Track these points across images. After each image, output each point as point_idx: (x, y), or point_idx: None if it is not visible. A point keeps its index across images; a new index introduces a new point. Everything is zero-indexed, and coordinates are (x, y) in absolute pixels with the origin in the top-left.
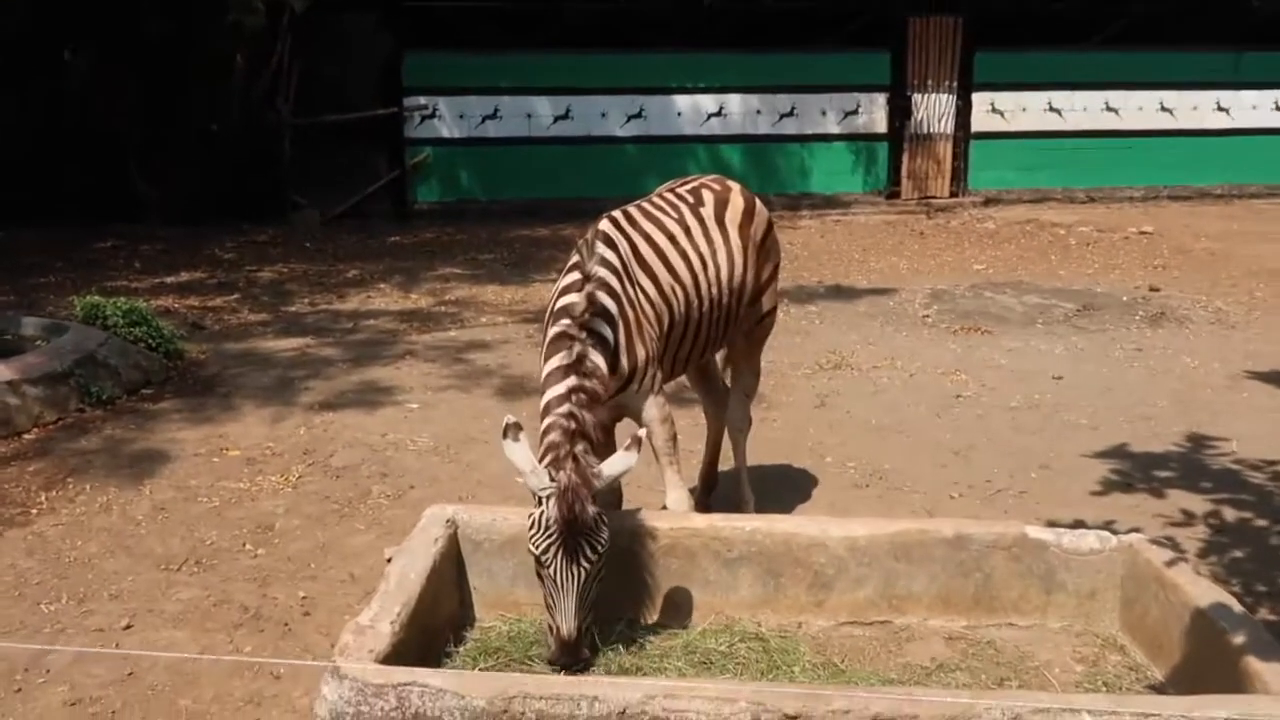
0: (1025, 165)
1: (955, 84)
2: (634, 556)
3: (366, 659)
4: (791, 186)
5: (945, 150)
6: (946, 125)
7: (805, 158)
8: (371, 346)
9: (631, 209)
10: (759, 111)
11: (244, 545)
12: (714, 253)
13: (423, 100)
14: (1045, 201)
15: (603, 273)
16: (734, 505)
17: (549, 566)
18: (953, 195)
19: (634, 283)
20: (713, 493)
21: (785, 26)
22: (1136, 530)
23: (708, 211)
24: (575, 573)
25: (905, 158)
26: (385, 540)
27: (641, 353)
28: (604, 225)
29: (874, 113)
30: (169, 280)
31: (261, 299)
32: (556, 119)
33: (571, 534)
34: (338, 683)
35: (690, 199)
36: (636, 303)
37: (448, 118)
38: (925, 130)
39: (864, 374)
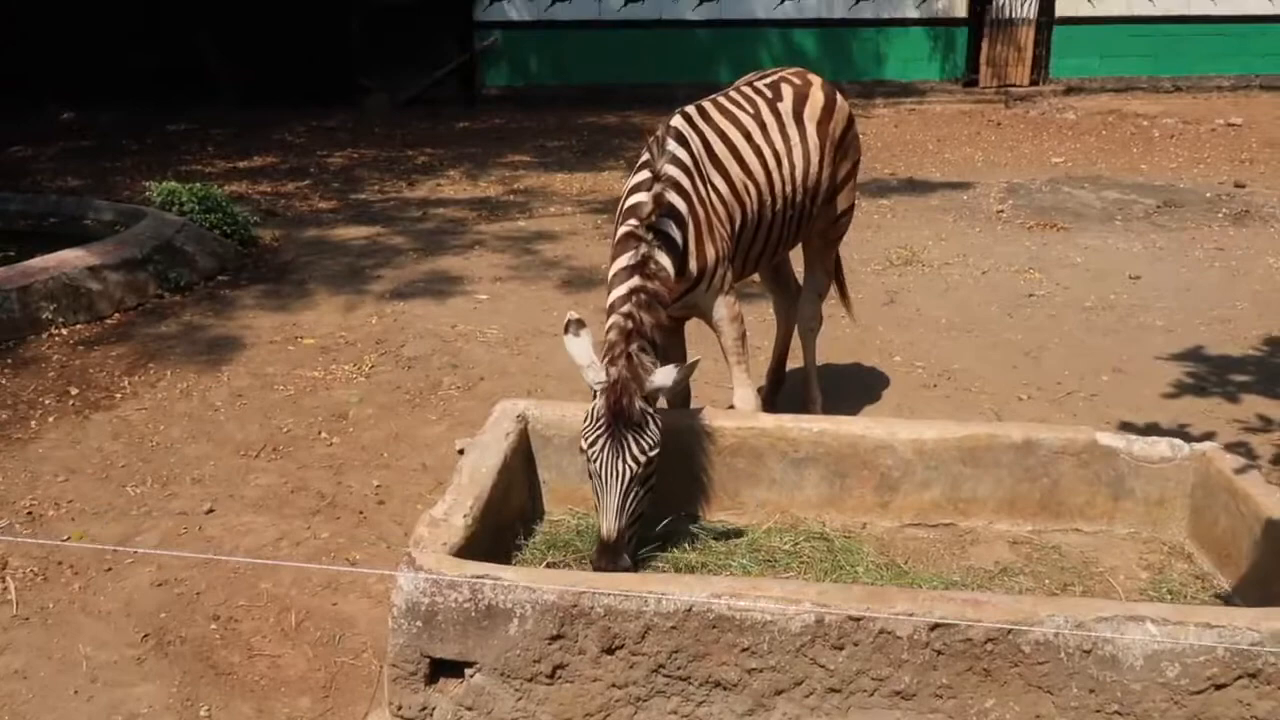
0: (1110, 52)
1: None
2: (701, 455)
3: (441, 551)
4: (866, 74)
5: (1027, 36)
6: (1029, 10)
7: (881, 44)
8: (440, 235)
9: (706, 104)
10: None
11: (319, 433)
12: (790, 150)
13: None
14: (1130, 91)
15: (673, 171)
16: (801, 404)
17: (595, 461)
18: (1033, 84)
19: (706, 180)
20: (780, 391)
21: None
22: (1209, 435)
23: (785, 107)
24: (620, 469)
25: (984, 44)
26: (456, 431)
27: (711, 253)
28: (676, 121)
29: None
30: (241, 165)
31: (332, 185)
32: (627, 2)
33: (617, 426)
34: (414, 574)
35: (768, 93)
36: (708, 201)
37: (517, 0)
38: (1006, 15)
39: (935, 271)
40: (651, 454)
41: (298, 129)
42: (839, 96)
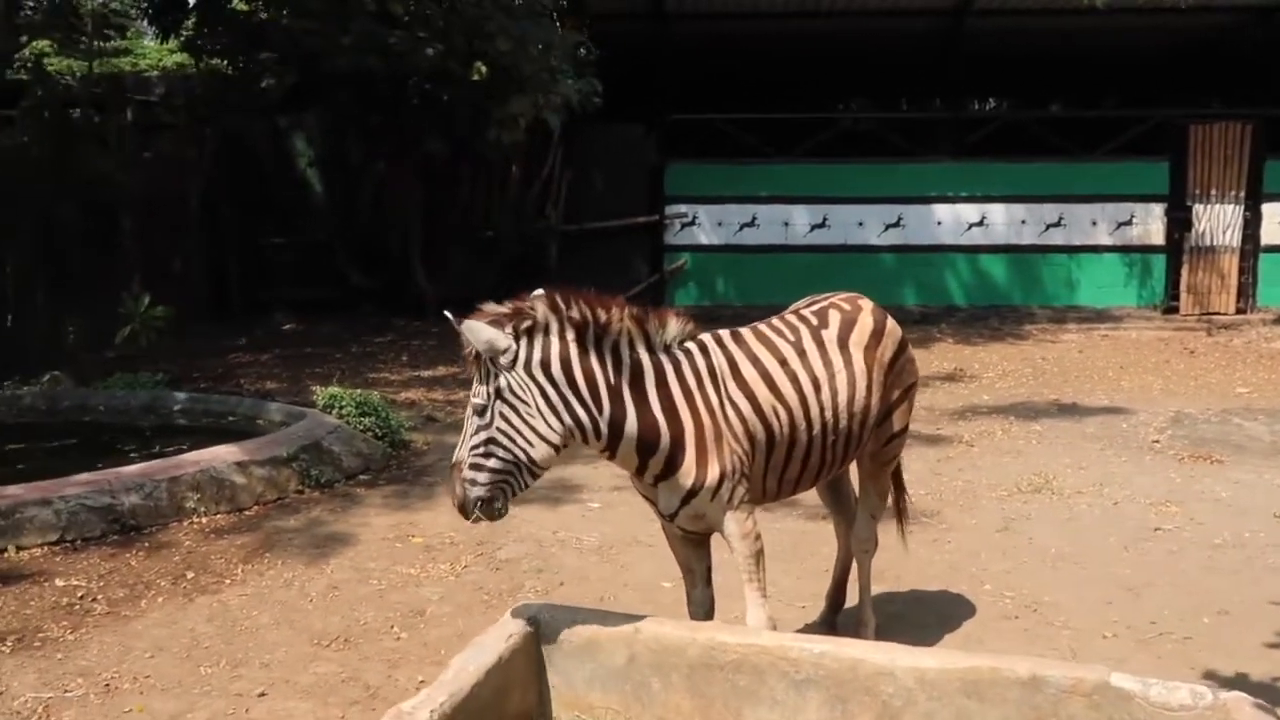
0: None
1: (1243, 193)
2: (704, 669)
3: None
4: (1057, 299)
5: (1230, 264)
6: (1232, 237)
7: (1073, 269)
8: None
9: (743, 329)
10: (1024, 221)
11: (392, 627)
12: (832, 376)
13: (684, 208)
14: None
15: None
16: (854, 628)
17: None
18: (1239, 312)
19: (723, 392)
20: (839, 612)
21: (1055, 135)
22: (1278, 680)
23: (830, 334)
24: (469, 405)
25: (1185, 271)
26: None
27: (716, 467)
28: (703, 336)
29: (1150, 223)
30: (424, 374)
31: None
32: (813, 227)
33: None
34: None
35: (814, 320)
36: (718, 413)
37: (706, 225)
38: (1207, 242)
39: (1063, 499)
40: (475, 401)
41: None
42: (889, 321)
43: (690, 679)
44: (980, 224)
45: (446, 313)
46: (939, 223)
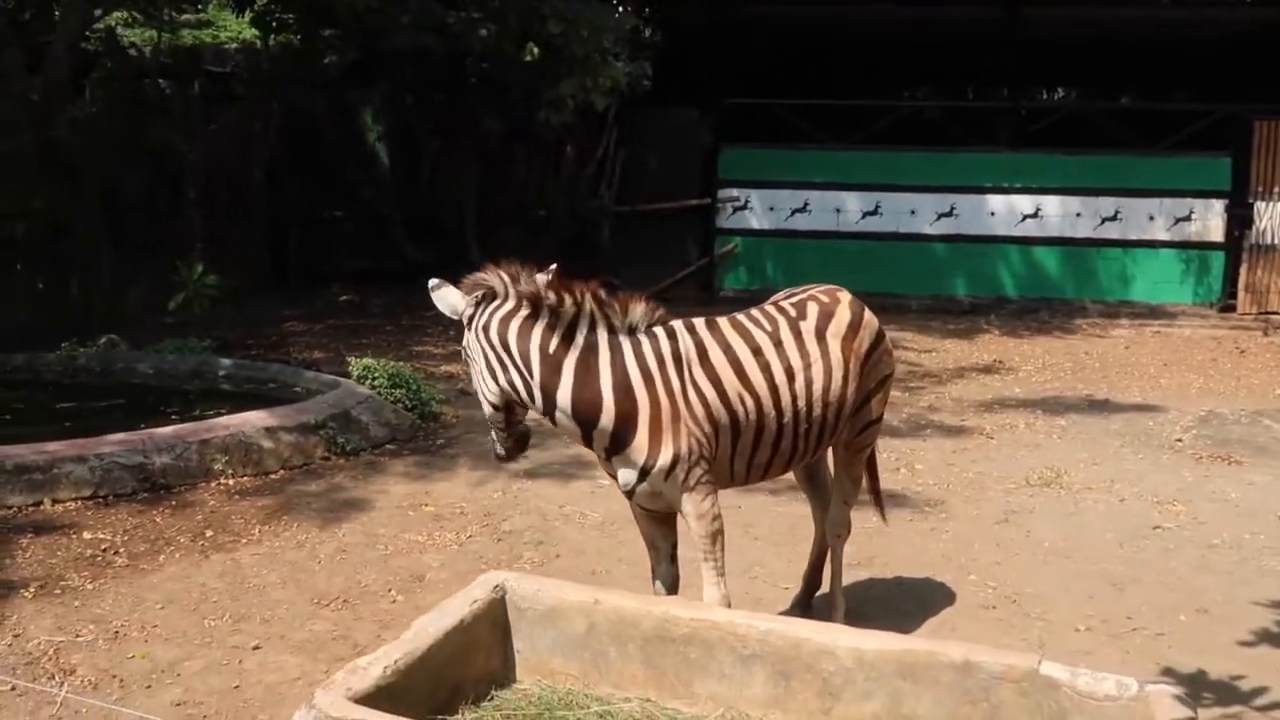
0: None
1: None
2: (658, 641)
3: (342, 695)
4: (1110, 294)
5: None
6: None
7: (1128, 264)
8: None
9: (720, 318)
10: (1079, 214)
11: (390, 590)
12: (807, 366)
13: (735, 192)
14: None
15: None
16: (826, 611)
17: None
18: None
19: (686, 376)
20: (815, 594)
21: (1114, 128)
22: (1262, 690)
23: (808, 325)
24: None
25: (1244, 269)
26: None
27: (670, 449)
28: (675, 322)
29: (1209, 220)
30: None
31: None
32: (865, 214)
33: None
34: (306, 711)
35: (792, 311)
36: (678, 397)
37: (758, 209)
38: (1269, 241)
39: (1071, 495)
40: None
41: None
42: (867, 313)
43: (645, 650)
44: (1034, 215)
45: (433, 280)
46: (992, 213)
